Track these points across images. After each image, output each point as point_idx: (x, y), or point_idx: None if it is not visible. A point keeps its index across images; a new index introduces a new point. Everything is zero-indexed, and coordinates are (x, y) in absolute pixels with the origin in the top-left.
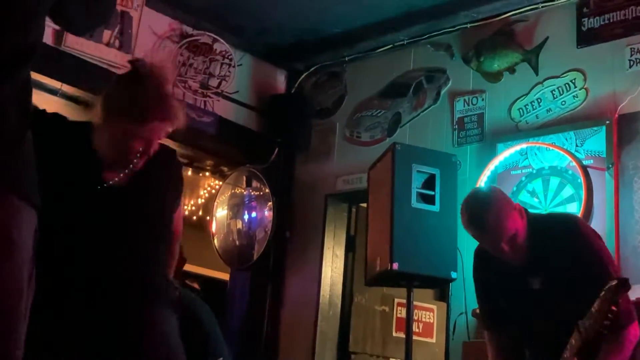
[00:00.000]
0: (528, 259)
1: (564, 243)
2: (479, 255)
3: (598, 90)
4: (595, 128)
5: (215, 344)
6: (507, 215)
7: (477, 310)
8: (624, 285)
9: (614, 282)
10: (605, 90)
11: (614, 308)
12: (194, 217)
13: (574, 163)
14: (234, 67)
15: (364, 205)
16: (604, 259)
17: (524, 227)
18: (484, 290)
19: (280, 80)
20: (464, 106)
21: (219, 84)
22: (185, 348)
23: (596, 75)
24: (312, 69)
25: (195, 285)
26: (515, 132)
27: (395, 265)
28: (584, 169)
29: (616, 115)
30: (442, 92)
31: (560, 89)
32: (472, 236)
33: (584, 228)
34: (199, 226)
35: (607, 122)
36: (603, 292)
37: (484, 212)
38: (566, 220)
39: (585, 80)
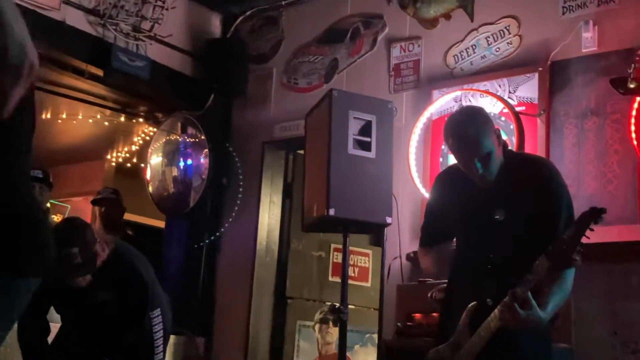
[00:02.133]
0: (495, 187)
1: (534, 179)
2: (447, 172)
3: (531, 37)
4: (528, 75)
5: (153, 296)
6: (486, 133)
7: (411, 254)
8: (600, 212)
9: (589, 210)
10: (539, 37)
11: (587, 235)
12: (128, 165)
13: (506, 109)
14: (167, 9)
15: (302, 152)
16: (571, 209)
17: (499, 154)
18: (436, 205)
19: (215, 24)
20: (400, 52)
21: (152, 27)
22: (126, 301)
23: (530, 22)
24: (248, 12)
25: (129, 232)
26: (450, 79)
27: (332, 211)
28: (517, 115)
29: (549, 63)
30: (379, 38)
31: (494, 35)
32: (450, 148)
33: (557, 173)
34: (133, 173)
35: (540, 69)
36: (578, 219)
37: (465, 123)
38: (542, 161)
39: (519, 27)
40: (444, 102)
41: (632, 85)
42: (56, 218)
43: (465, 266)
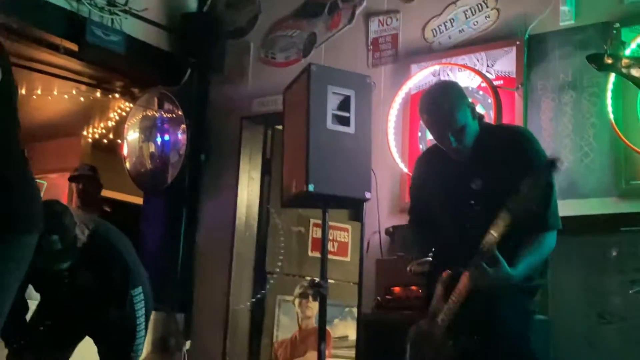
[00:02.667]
0: (472, 159)
1: (511, 146)
2: (425, 155)
3: (509, 11)
4: (506, 49)
5: (135, 273)
6: (459, 107)
7: (390, 229)
8: (554, 163)
9: (544, 163)
10: (516, 11)
11: (546, 188)
12: (105, 141)
13: (484, 83)
14: None
15: (280, 127)
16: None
17: (474, 127)
18: (420, 186)
19: None
20: (379, 27)
21: (127, 1)
22: (107, 281)
23: None
24: None
25: (107, 208)
26: (429, 53)
27: (311, 187)
28: (494, 89)
29: (526, 36)
30: (357, 12)
31: (472, 9)
32: (424, 123)
33: (536, 140)
34: (110, 149)
35: (517, 42)
36: (533, 173)
37: (439, 97)
38: (520, 128)
39: (496, 0)
40: (423, 76)
41: (608, 61)
42: None
43: (447, 241)
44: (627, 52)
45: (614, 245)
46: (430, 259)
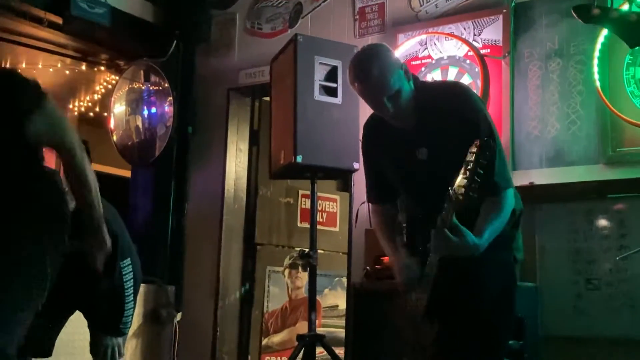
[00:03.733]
0: (416, 126)
1: (452, 107)
2: (368, 125)
3: None
4: (492, 17)
5: (123, 245)
6: (391, 71)
7: None
8: (487, 146)
9: (477, 143)
10: None
11: (479, 169)
12: (91, 114)
13: (471, 52)
14: None
15: (267, 98)
16: (491, 124)
17: (410, 89)
18: (370, 162)
19: None
20: None
21: None
22: None
23: None
24: None
25: None
26: (415, 22)
27: (299, 158)
28: (481, 58)
29: (513, 4)
30: None
31: None
32: (358, 92)
33: (472, 94)
34: (97, 123)
35: (504, 11)
36: (469, 155)
37: (368, 63)
38: (455, 85)
39: None
40: (409, 46)
41: (595, 12)
42: None
43: (411, 214)
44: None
45: (600, 211)
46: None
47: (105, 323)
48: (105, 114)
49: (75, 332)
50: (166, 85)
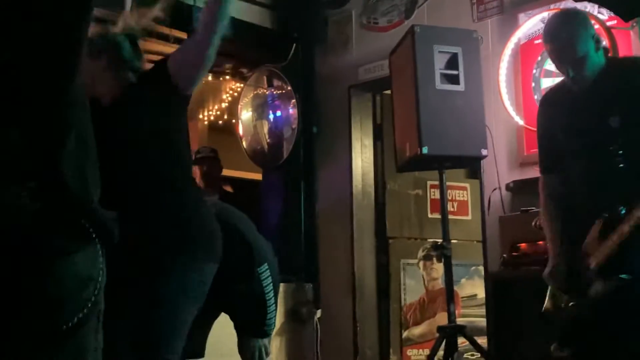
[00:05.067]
0: (591, 91)
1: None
2: (548, 96)
3: None
4: None
5: (259, 252)
6: (580, 36)
7: (511, 184)
8: None
9: None
10: None
11: None
12: (220, 122)
13: (597, 25)
14: None
15: (388, 92)
16: None
17: (598, 60)
18: (547, 129)
19: None
20: None
21: None
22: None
23: None
24: None
25: (229, 188)
26: (535, 0)
27: (425, 149)
28: (608, 30)
29: None
30: None
31: None
32: (547, 52)
33: None
34: (226, 130)
35: None
36: None
37: (559, 27)
38: None
39: None
40: (531, 24)
41: None
42: None
43: (582, 180)
44: None
45: None
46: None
47: (250, 326)
48: (234, 121)
49: (224, 333)
50: (289, 88)
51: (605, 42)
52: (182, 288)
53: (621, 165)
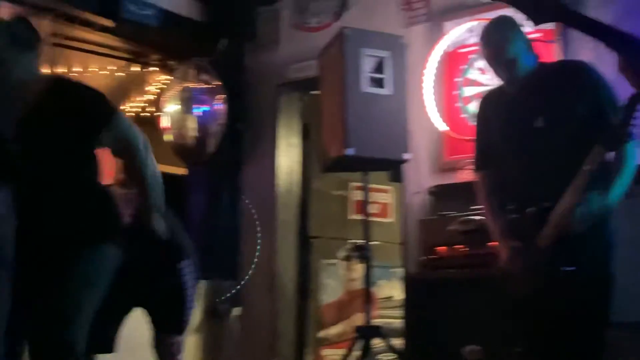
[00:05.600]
0: (529, 93)
1: (572, 79)
2: (486, 97)
3: None
4: None
5: (180, 247)
6: (510, 39)
7: (432, 189)
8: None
9: (636, 93)
10: None
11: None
12: (144, 114)
13: None
14: None
15: (316, 92)
16: (615, 97)
17: (529, 62)
18: (483, 128)
19: None
20: None
21: None
22: (154, 257)
23: None
24: None
25: None
26: (463, 9)
27: (350, 151)
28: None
29: None
30: None
31: None
32: (484, 57)
33: (595, 69)
34: (151, 123)
35: None
36: (626, 102)
37: (492, 29)
38: (576, 61)
39: None
40: (458, 33)
41: None
42: None
43: (513, 181)
44: None
45: None
46: (475, 217)
47: (167, 321)
48: (159, 113)
49: (136, 328)
50: (216, 83)
51: None
52: (85, 273)
53: (546, 164)
